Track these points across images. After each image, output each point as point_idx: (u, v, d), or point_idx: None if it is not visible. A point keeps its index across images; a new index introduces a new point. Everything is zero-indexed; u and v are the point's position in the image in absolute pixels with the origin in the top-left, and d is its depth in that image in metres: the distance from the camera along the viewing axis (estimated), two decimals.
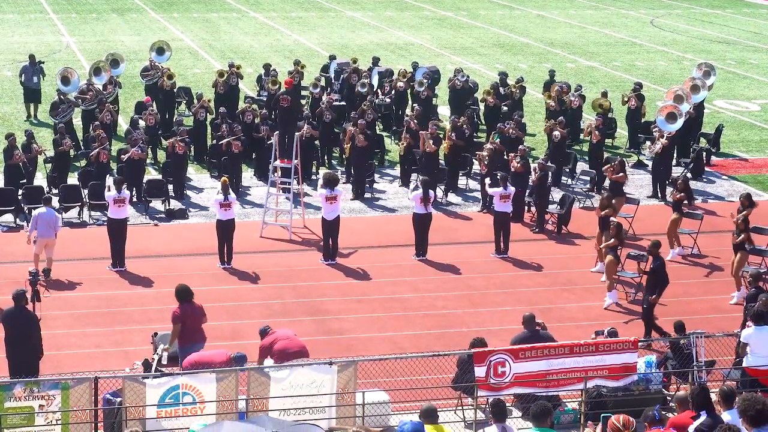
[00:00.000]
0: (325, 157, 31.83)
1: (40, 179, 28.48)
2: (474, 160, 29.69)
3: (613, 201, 24.81)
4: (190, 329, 17.98)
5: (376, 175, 30.25)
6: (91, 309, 21.63)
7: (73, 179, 28.28)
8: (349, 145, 29.37)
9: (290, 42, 50.11)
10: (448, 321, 21.47)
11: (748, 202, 23.57)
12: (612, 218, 23.51)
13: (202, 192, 29.06)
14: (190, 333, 17.98)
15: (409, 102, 35.26)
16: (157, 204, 27.66)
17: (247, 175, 30.22)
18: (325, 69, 38.62)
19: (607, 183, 28.43)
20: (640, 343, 17.32)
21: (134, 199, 27.18)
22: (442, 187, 28.89)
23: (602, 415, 12.45)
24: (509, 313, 21.47)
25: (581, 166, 30.84)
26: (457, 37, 52.88)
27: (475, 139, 31.90)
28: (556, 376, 16.63)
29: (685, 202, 25.32)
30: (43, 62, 35.81)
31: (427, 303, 22.38)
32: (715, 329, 19.26)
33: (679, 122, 29.11)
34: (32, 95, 35.47)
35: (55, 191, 27.66)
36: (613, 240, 22.39)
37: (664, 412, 15.13)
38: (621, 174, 26.38)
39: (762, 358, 16.97)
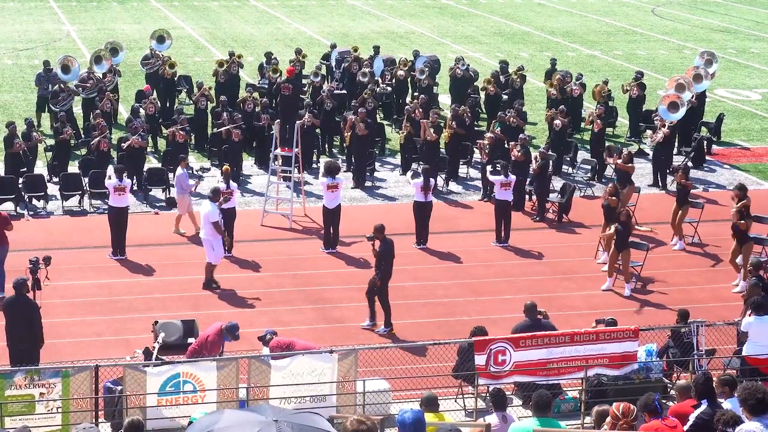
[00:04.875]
0: (326, 146, 31.81)
1: (40, 168, 28.47)
2: (475, 149, 29.66)
3: (624, 191, 24.83)
4: None
5: (377, 164, 30.22)
6: (92, 297, 21.65)
7: (73, 168, 28.28)
8: (349, 133, 29.33)
9: (291, 30, 50.03)
10: (449, 309, 21.47)
11: (742, 193, 23.31)
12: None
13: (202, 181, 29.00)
14: None
15: (410, 91, 35.20)
16: (157, 192, 27.65)
17: (248, 164, 30.20)
18: (326, 57, 38.57)
19: (609, 171, 28.51)
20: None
21: (134, 188, 27.18)
22: (443, 176, 28.87)
23: (601, 405, 12.42)
24: (510, 301, 21.47)
25: (582, 154, 30.80)
26: (458, 25, 52.79)
27: (475, 128, 31.87)
28: (556, 365, 16.66)
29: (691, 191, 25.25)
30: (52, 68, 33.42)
31: (428, 291, 22.38)
32: (716, 318, 19.27)
33: (681, 111, 29.06)
34: (44, 104, 32.42)
35: (55, 180, 27.70)
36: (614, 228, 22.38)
37: (663, 401, 15.13)
38: (630, 165, 26.29)
39: (762, 347, 17.00)
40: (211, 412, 14.10)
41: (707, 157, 31.86)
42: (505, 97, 33.76)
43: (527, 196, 27.43)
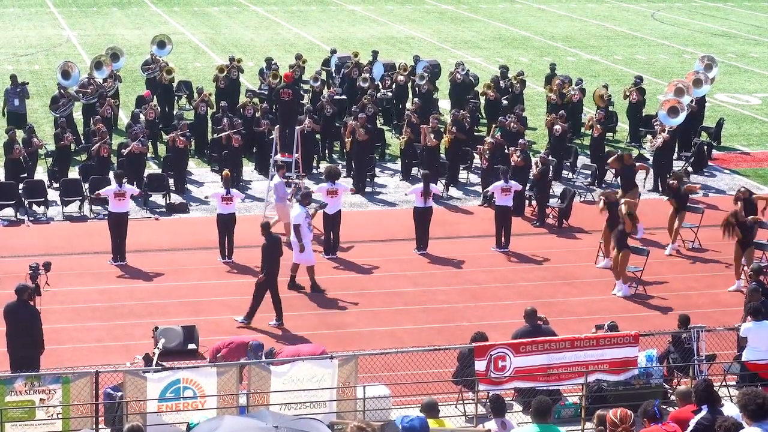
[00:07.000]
0: (326, 151, 31.82)
1: (40, 173, 28.49)
2: (475, 154, 29.67)
3: (628, 193, 24.89)
4: None
5: (377, 169, 30.22)
6: (92, 303, 21.64)
7: (73, 173, 28.29)
8: (349, 139, 29.35)
9: (291, 36, 50.07)
10: (449, 315, 21.47)
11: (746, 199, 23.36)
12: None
13: (202, 186, 29.03)
14: None
15: (410, 96, 35.22)
16: (157, 198, 27.66)
17: (248, 169, 30.21)
18: (326, 63, 38.59)
19: (609, 177, 28.51)
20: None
21: (134, 193, 27.16)
22: (443, 181, 28.88)
23: (604, 410, 12.43)
24: (510, 307, 21.47)
25: (582, 160, 30.82)
26: (458, 30, 52.83)
27: (475, 133, 31.87)
28: (556, 371, 16.66)
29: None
30: (27, 83, 33.13)
31: (428, 297, 22.38)
32: (716, 323, 19.27)
33: (681, 116, 29.06)
34: (14, 120, 31.13)
35: (55, 185, 27.71)
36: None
37: (663, 407, 15.15)
38: (641, 164, 26.35)
39: (761, 352, 17.01)
40: (211, 418, 14.13)
41: (708, 162, 31.84)
42: (505, 102, 33.76)
43: (527, 202, 27.44)
